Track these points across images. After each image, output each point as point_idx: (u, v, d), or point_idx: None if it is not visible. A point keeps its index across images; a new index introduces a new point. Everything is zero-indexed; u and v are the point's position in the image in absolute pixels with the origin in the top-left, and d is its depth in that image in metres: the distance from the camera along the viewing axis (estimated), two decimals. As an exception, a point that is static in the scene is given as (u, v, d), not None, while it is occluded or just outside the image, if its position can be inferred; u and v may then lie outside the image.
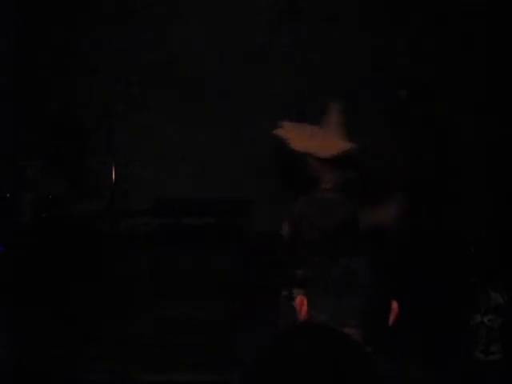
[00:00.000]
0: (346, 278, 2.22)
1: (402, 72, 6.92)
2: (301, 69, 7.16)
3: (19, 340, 5.30)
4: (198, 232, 7.00)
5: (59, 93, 7.12)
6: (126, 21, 7.21)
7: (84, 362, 4.98)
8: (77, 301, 5.76)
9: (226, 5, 7.17)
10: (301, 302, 2.23)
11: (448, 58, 6.90)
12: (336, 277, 2.22)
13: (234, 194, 7.04)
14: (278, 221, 3.27)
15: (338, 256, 2.28)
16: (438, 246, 5.45)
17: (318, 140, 3.57)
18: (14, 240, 6.20)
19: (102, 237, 6.63)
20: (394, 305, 2.40)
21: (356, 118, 3.67)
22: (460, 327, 4.57)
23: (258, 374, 2.08)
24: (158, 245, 6.74)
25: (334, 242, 2.83)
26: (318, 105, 3.61)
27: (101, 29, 7.17)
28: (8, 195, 6.34)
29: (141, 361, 5.12)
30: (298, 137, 3.57)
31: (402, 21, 7.07)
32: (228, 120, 7.13)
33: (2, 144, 6.85)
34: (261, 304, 4.97)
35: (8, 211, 6.37)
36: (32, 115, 6.97)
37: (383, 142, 5.13)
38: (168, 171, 7.11)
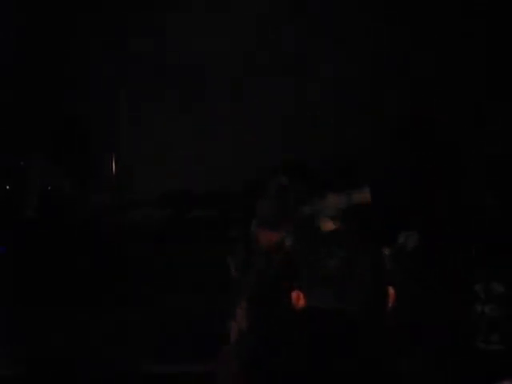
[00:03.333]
0: (343, 269, 2.24)
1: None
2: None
3: (20, 339, 5.31)
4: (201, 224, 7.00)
5: (62, 88, 7.14)
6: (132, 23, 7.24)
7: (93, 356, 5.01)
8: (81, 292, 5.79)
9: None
10: (297, 296, 2.27)
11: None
12: (334, 268, 2.24)
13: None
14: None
15: (334, 247, 2.30)
16: (440, 236, 5.48)
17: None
18: (16, 235, 6.22)
19: (106, 229, 6.66)
20: (391, 290, 2.44)
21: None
22: (461, 316, 4.59)
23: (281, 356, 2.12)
24: (161, 237, 6.76)
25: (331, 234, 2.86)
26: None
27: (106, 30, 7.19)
28: (8, 187, 6.38)
29: (150, 352, 5.12)
30: None
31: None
32: (230, 116, 7.15)
33: (5, 139, 6.88)
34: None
35: (10, 205, 6.40)
36: (35, 111, 7.00)
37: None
38: (171, 164, 7.13)
